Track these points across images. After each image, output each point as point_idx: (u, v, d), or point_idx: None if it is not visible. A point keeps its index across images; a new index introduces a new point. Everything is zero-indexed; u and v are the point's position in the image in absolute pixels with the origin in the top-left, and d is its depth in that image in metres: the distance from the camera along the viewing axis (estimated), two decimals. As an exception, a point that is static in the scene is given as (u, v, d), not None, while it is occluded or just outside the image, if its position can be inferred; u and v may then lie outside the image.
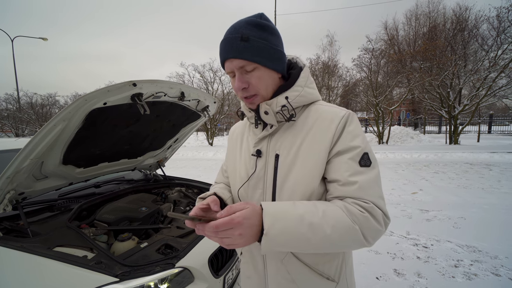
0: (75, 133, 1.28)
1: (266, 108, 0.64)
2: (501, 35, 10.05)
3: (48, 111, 17.87)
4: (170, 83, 1.46)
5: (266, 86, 0.64)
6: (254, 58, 0.59)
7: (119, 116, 1.42)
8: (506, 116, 19.15)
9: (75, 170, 1.59)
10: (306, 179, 0.61)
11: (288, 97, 0.64)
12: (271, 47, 0.61)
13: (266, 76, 0.63)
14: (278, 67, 0.64)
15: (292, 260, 0.65)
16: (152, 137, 2.00)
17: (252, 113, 0.70)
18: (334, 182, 0.60)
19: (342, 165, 0.59)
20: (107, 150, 1.71)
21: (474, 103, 10.88)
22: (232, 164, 0.79)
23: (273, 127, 0.67)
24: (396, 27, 22.62)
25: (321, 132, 0.62)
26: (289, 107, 0.64)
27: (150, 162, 2.38)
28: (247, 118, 0.75)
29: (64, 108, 1.07)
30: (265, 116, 0.65)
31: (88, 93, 1.07)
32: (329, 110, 0.65)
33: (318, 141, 0.62)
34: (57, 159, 1.37)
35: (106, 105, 1.18)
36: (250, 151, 0.72)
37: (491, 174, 5.83)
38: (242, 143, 0.78)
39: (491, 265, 2.21)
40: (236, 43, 0.59)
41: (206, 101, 1.93)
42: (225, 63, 0.63)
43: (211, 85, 15.27)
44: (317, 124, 0.64)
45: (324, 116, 0.64)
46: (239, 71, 0.61)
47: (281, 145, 0.66)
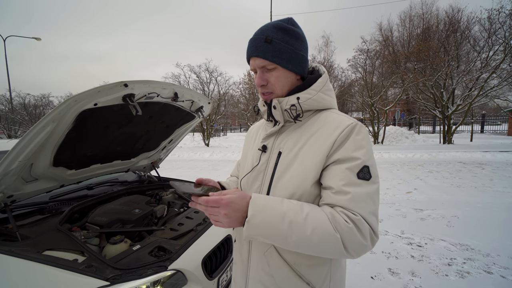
0: (66, 135, 1.25)
1: (275, 103, 0.69)
2: (492, 36, 10.23)
3: (42, 112, 17.60)
4: (163, 84, 1.45)
5: (282, 85, 0.69)
6: (274, 59, 0.65)
7: (111, 117, 1.40)
8: (498, 116, 19.49)
9: (66, 172, 1.56)
10: (300, 179, 0.64)
11: (300, 98, 0.68)
12: (292, 50, 0.66)
13: (284, 77, 0.68)
14: (297, 69, 0.69)
15: (274, 254, 0.68)
16: (145, 138, 1.98)
17: (265, 107, 0.75)
18: (328, 189, 0.61)
19: (339, 173, 0.60)
20: (100, 152, 1.69)
21: (466, 103, 11.05)
22: (244, 157, 0.87)
23: (279, 124, 0.72)
24: (390, 28, 22.88)
25: (323, 137, 0.65)
26: (298, 108, 0.68)
27: (144, 164, 2.36)
28: (261, 114, 0.80)
29: (53, 108, 1.05)
30: (274, 111, 0.70)
31: (78, 94, 1.05)
32: (337, 118, 0.67)
33: (319, 144, 0.64)
34: (47, 161, 1.34)
35: (97, 106, 1.16)
36: (258, 146, 0.77)
37: (484, 173, 5.92)
38: (255, 139, 0.84)
39: (483, 263, 2.24)
40: (260, 44, 0.65)
41: (200, 102, 1.92)
42: (250, 61, 0.69)
43: (207, 85, 15.23)
44: (322, 129, 0.67)
45: (331, 123, 0.66)
46: (261, 69, 0.68)
47: (286, 143, 0.70)
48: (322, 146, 0.63)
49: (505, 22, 9.76)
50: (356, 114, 24.97)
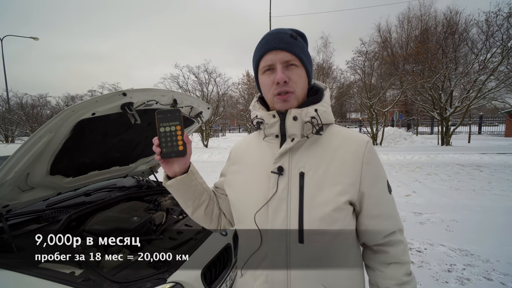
0: (63, 144, 1.23)
1: (297, 113, 0.61)
2: (490, 39, 10.29)
3: (39, 112, 17.49)
4: (162, 91, 1.43)
5: (302, 87, 0.64)
6: (301, 55, 0.62)
7: (109, 125, 1.38)
8: (495, 117, 19.62)
9: (63, 180, 1.54)
10: (337, 201, 0.59)
11: (318, 110, 0.63)
12: (309, 54, 0.67)
13: (304, 78, 0.64)
14: (311, 74, 0.67)
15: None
16: (144, 144, 1.96)
17: (276, 118, 0.64)
18: (375, 216, 0.63)
19: (378, 196, 0.63)
20: (97, 159, 1.67)
21: (465, 105, 11.11)
22: (239, 187, 0.71)
23: (295, 140, 0.62)
24: (389, 29, 22.97)
25: (350, 153, 0.62)
26: (318, 120, 0.62)
27: (143, 169, 2.33)
28: (263, 130, 0.68)
29: (50, 119, 1.03)
30: (292, 123, 0.62)
31: (76, 104, 1.04)
32: (352, 133, 0.67)
33: (349, 162, 0.62)
34: (44, 170, 1.32)
35: (95, 115, 1.15)
36: (267, 169, 0.65)
37: (482, 175, 5.94)
38: (250, 162, 0.71)
39: (483, 269, 2.23)
40: (286, 37, 0.61)
41: (199, 107, 1.91)
42: (266, 55, 0.62)
43: (206, 86, 15.21)
44: (344, 145, 0.63)
45: (349, 138, 0.65)
46: (282, 64, 0.61)
47: (306, 162, 0.62)
48: (353, 164, 0.61)
49: (502, 24, 9.82)
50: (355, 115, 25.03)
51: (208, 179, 0.74)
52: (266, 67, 0.62)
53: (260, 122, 0.67)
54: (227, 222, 0.81)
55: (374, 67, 13.84)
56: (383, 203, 0.63)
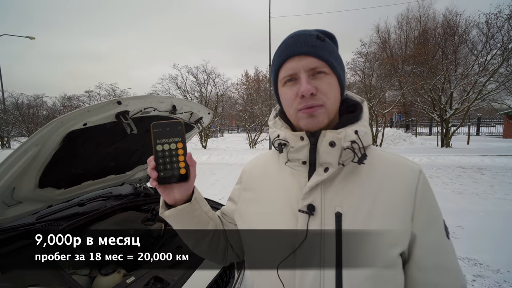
0: (52, 156, 1.14)
1: (334, 138, 0.49)
2: (490, 40, 10.28)
3: (35, 112, 17.28)
4: (160, 98, 1.34)
5: (334, 99, 0.51)
6: (330, 59, 0.50)
7: (103, 135, 1.29)
8: (492, 118, 19.69)
9: (54, 192, 1.44)
10: (388, 255, 0.47)
11: (358, 132, 0.50)
12: (340, 58, 0.54)
13: (335, 87, 0.51)
14: (344, 83, 0.54)
15: None
16: (141, 151, 1.86)
17: (305, 141, 0.51)
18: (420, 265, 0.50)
19: (436, 244, 0.51)
20: (91, 168, 1.57)
21: (464, 106, 11.10)
22: (255, 223, 0.57)
23: (329, 170, 0.50)
24: (388, 30, 22.97)
25: (398, 189, 0.50)
26: (360, 145, 0.49)
27: (140, 176, 2.23)
28: (285, 153, 0.55)
29: (36, 132, 0.94)
30: (327, 150, 0.49)
31: (65, 115, 0.94)
32: (399, 159, 0.54)
33: (397, 200, 0.49)
34: (31, 183, 1.22)
35: (87, 125, 1.05)
36: (292, 204, 0.52)
37: (484, 178, 5.89)
38: (269, 191, 0.58)
39: (493, 280, 2.16)
40: (311, 39, 0.49)
41: (199, 113, 1.82)
42: (287, 63, 0.50)
43: (205, 87, 15.09)
44: (390, 176, 0.51)
45: (397, 167, 0.52)
46: (308, 72, 0.49)
47: (344, 199, 0.49)
48: (404, 202, 0.49)
49: (503, 26, 9.81)
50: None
51: (206, 182, 0.62)
52: (287, 77, 0.51)
53: (283, 144, 0.54)
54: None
55: (374, 68, 13.80)
56: (441, 250, 0.50)
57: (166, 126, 0.50)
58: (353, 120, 0.52)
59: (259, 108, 15.67)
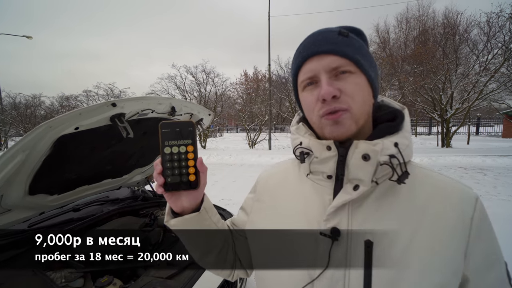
0: (42, 161, 1.06)
1: (369, 150, 0.40)
2: (491, 40, 10.23)
3: (33, 112, 17.15)
4: (159, 99, 1.27)
5: (363, 102, 0.43)
6: (356, 56, 0.43)
7: (97, 138, 1.21)
8: (491, 118, 19.71)
9: (46, 198, 1.36)
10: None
11: (399, 145, 0.41)
12: (370, 55, 0.46)
13: (365, 88, 0.44)
14: (376, 84, 0.46)
15: None
16: (139, 154, 1.79)
17: (333, 151, 0.43)
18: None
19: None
20: (86, 173, 1.49)
21: (465, 106, 11.06)
22: (267, 240, 0.50)
23: (360, 189, 0.41)
24: (387, 30, 22.92)
25: (449, 219, 0.40)
26: (400, 160, 0.40)
27: (138, 179, 2.16)
28: (308, 164, 0.48)
29: (23, 137, 0.86)
30: (359, 164, 0.41)
31: (54, 119, 0.87)
32: (449, 181, 0.44)
33: (447, 232, 0.40)
34: (20, 190, 1.14)
35: (79, 129, 0.97)
36: (311, 223, 0.45)
37: (486, 179, 5.83)
38: (286, 205, 0.51)
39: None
40: (333, 36, 0.43)
41: (200, 114, 1.74)
42: (306, 65, 0.44)
43: (204, 86, 15.00)
44: (437, 201, 0.41)
45: (446, 190, 0.42)
46: (330, 73, 0.42)
47: (376, 225, 0.41)
48: (455, 235, 0.39)
49: (504, 25, 9.76)
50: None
51: (207, 183, 0.53)
52: (306, 80, 0.44)
53: (306, 153, 0.47)
54: (243, 271, 0.61)
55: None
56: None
57: (175, 126, 0.45)
58: (392, 130, 0.43)
59: (258, 108, 15.60)
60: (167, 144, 0.44)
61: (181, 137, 0.45)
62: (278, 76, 17.32)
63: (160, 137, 0.44)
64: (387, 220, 0.41)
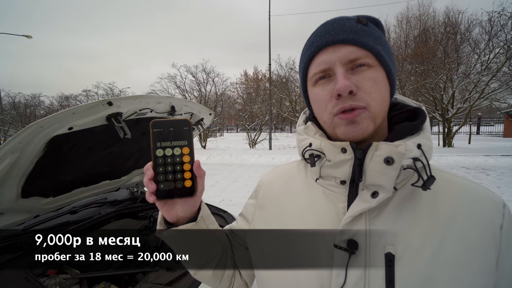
0: (35, 163, 1.01)
1: (391, 152, 0.35)
2: (493, 39, 10.16)
3: (33, 112, 17.10)
4: (158, 98, 1.21)
5: (382, 99, 0.39)
6: (376, 47, 0.38)
7: (93, 139, 1.16)
8: (492, 117, 19.67)
9: (41, 201, 1.31)
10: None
11: (422, 146, 0.37)
12: (390, 48, 0.41)
13: (384, 84, 0.39)
14: (394, 79, 0.41)
15: None
16: (138, 155, 1.73)
17: (348, 154, 0.39)
18: None
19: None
20: (83, 175, 1.44)
21: (467, 106, 11.00)
22: (271, 252, 0.44)
23: (379, 196, 0.37)
24: (388, 29, 22.85)
25: (474, 226, 0.36)
26: (425, 163, 0.36)
27: (137, 180, 2.11)
28: (318, 168, 0.43)
29: (11, 137, 0.81)
30: (380, 167, 0.36)
31: (45, 118, 0.81)
32: (473, 187, 0.40)
33: (475, 242, 0.36)
34: (13, 193, 1.09)
35: (73, 130, 0.92)
36: (324, 236, 0.40)
37: (489, 179, 5.79)
38: (293, 214, 0.45)
39: None
40: (351, 24, 0.39)
41: (200, 114, 1.69)
42: (319, 56, 0.39)
43: (204, 86, 14.95)
44: (461, 208, 0.37)
45: (470, 197, 0.38)
46: (346, 66, 0.38)
47: (397, 236, 0.36)
48: (483, 245, 0.35)
49: (506, 24, 9.70)
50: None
51: (206, 183, 0.46)
52: (319, 73, 0.39)
53: (317, 156, 0.42)
54: (243, 284, 0.56)
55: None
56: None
57: (169, 125, 0.40)
58: (413, 130, 0.39)
59: (258, 108, 15.54)
60: (160, 145, 0.39)
61: (176, 138, 0.40)
62: (279, 76, 17.26)
63: (151, 137, 0.39)
64: (410, 230, 0.37)
